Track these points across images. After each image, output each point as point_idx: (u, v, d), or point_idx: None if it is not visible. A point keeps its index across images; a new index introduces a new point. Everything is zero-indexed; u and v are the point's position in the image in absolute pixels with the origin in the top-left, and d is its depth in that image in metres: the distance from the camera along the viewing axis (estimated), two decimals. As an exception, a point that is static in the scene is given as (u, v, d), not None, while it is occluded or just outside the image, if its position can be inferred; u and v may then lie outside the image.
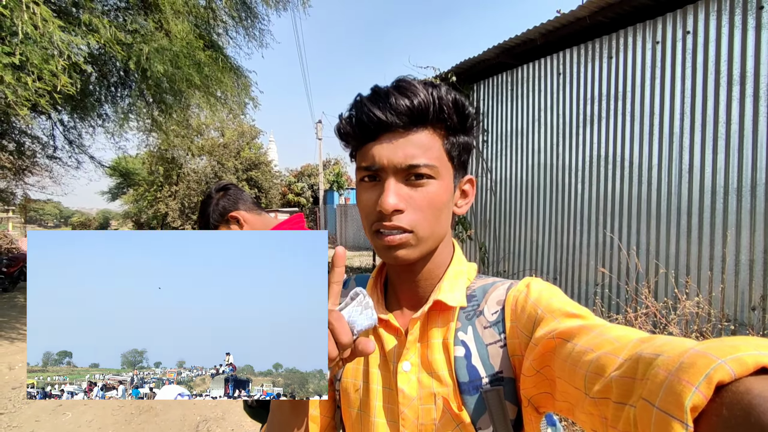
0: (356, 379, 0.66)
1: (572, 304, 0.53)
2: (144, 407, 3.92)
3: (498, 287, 0.62)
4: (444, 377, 0.58)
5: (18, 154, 9.41)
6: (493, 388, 0.56)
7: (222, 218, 1.48)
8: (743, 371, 0.27)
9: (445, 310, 0.62)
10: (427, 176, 0.56)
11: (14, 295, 9.24)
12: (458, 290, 0.62)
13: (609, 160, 4.00)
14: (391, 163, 0.55)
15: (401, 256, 0.57)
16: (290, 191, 22.47)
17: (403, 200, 0.55)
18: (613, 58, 3.95)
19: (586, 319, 0.49)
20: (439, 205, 0.57)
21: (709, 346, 0.30)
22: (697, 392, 0.27)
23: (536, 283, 0.59)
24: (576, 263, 4.27)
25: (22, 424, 3.70)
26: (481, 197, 5.45)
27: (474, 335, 0.59)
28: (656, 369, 0.32)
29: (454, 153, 0.59)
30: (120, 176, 15.27)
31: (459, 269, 0.65)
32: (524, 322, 0.55)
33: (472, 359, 0.58)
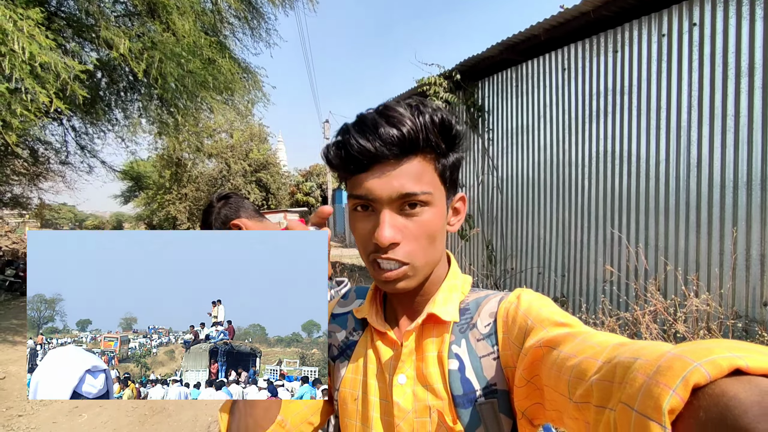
0: (354, 389, 0.66)
1: (561, 313, 0.53)
2: (157, 408, 3.99)
3: (490, 300, 0.63)
4: (439, 390, 0.58)
5: (32, 160, 9.60)
6: (487, 400, 0.56)
7: (224, 227, 1.49)
8: (718, 373, 0.28)
9: (439, 323, 0.62)
10: (421, 203, 0.56)
11: (31, 299, 9.42)
12: (452, 304, 0.63)
13: (615, 155, 3.95)
14: (386, 194, 0.55)
15: (400, 288, 0.58)
16: (299, 191, 22.58)
17: (399, 231, 0.55)
18: (618, 52, 3.91)
19: (573, 327, 0.49)
20: (434, 232, 0.58)
21: (684, 350, 0.30)
22: (675, 395, 0.28)
23: (527, 294, 0.59)
24: (584, 260, 4.24)
25: (40, 425, 3.79)
26: (487, 195, 5.42)
27: (467, 348, 0.60)
28: (634, 373, 0.32)
29: (446, 174, 0.59)
30: (131, 180, 15.49)
31: (453, 283, 0.65)
32: (515, 333, 0.55)
33: (466, 372, 0.58)
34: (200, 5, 6.97)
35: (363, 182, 0.56)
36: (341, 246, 17.22)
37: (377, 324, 0.65)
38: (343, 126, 0.59)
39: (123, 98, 8.28)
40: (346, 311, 0.76)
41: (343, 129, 0.58)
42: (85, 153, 9.75)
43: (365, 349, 0.68)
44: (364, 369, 0.66)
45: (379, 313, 0.68)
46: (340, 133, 0.58)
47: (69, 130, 9.25)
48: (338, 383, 0.69)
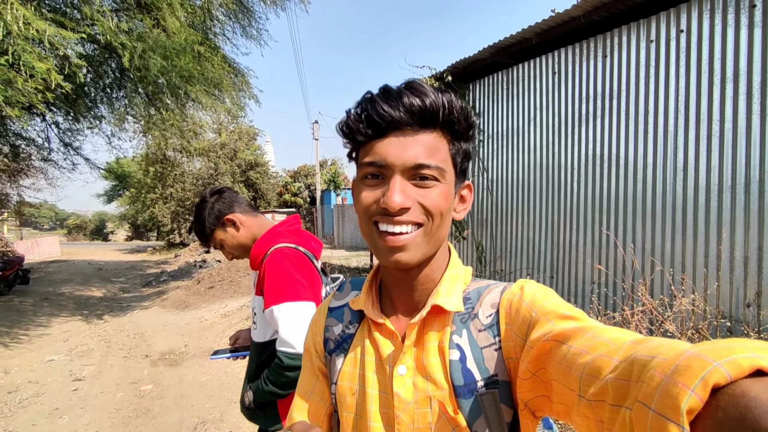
0: (352, 383, 0.66)
1: (566, 305, 0.53)
2: (141, 410, 3.91)
3: (492, 290, 0.62)
4: (439, 381, 0.58)
5: (13, 156, 9.37)
6: (488, 391, 0.56)
7: (218, 221, 1.48)
8: (739, 374, 0.27)
9: (441, 314, 0.62)
10: (433, 178, 0.56)
11: (10, 299, 9.18)
12: (455, 295, 0.62)
13: (604, 158, 4.01)
14: (400, 161, 0.55)
15: (401, 259, 0.57)
16: (287, 191, 22.44)
17: (410, 199, 0.55)
18: (608, 57, 3.97)
19: (580, 321, 0.49)
20: (443, 209, 0.57)
21: (704, 349, 0.30)
22: (693, 395, 0.28)
23: (530, 285, 0.59)
24: (572, 261, 4.29)
25: (19, 428, 3.68)
26: (477, 197, 5.46)
27: (469, 338, 0.59)
28: (652, 371, 0.32)
29: (458, 159, 0.60)
30: (115, 178, 15.22)
31: (455, 273, 0.65)
32: (519, 325, 0.55)
33: (467, 362, 0.58)
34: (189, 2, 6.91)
35: (378, 148, 0.56)
36: (330, 247, 17.14)
37: (374, 315, 0.65)
38: (366, 93, 0.58)
39: (108, 94, 8.13)
40: (342, 304, 0.75)
41: (366, 96, 0.58)
42: (68, 150, 9.56)
43: (362, 342, 0.67)
44: (362, 362, 0.66)
45: (375, 303, 0.67)
46: (363, 100, 0.58)
47: (52, 126, 9.04)
48: (336, 377, 0.68)
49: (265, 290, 1.30)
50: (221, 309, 7.76)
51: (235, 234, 1.49)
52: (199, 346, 5.71)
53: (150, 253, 21.63)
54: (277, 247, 1.36)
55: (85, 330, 7.06)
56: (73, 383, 4.66)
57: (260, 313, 1.37)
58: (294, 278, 1.29)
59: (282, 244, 1.37)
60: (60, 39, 4.58)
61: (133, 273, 14.62)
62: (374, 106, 0.55)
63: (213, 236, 1.50)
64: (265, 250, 1.38)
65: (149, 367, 5.09)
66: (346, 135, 0.60)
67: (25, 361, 5.38)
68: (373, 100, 0.56)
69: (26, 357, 5.57)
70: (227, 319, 7.06)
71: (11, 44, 4.15)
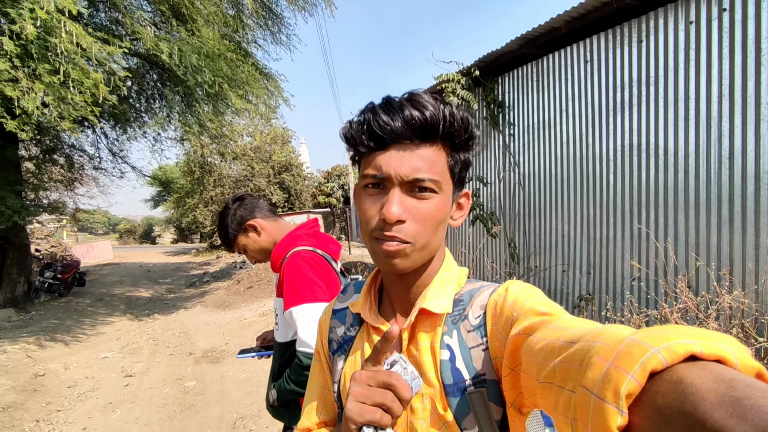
0: None
1: (546, 303, 0.54)
2: (186, 405, 4.11)
3: (483, 291, 0.64)
4: (431, 379, 0.60)
5: (68, 166, 10.04)
6: (476, 389, 0.57)
7: (240, 227, 1.54)
8: (674, 359, 0.29)
9: (432, 316, 0.64)
10: (430, 190, 0.58)
11: (69, 300, 9.85)
12: (445, 296, 0.64)
13: (642, 148, 3.83)
14: (398, 175, 0.57)
15: (397, 265, 0.59)
16: (320, 192, 22.78)
17: (406, 211, 0.57)
18: (644, 42, 3.79)
19: (552, 316, 0.50)
20: (439, 219, 0.60)
21: (643, 336, 0.31)
22: (632, 380, 0.29)
23: (515, 286, 0.60)
24: (610, 257, 4.13)
25: (77, 420, 3.96)
26: (509, 192, 5.35)
27: (458, 339, 0.61)
28: (594, 357, 0.33)
29: (456, 169, 0.61)
30: (160, 184, 15.99)
31: (447, 275, 0.67)
32: (502, 324, 0.56)
33: (456, 362, 0.59)
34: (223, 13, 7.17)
35: (379, 161, 0.58)
36: (363, 246, 17.27)
37: (370, 319, 0.67)
38: (368, 104, 0.60)
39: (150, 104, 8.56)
40: (344, 306, 0.78)
41: (368, 107, 0.60)
42: (116, 159, 10.15)
43: (362, 344, 0.70)
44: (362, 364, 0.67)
45: (373, 307, 0.70)
46: (365, 110, 0.59)
47: (101, 136, 9.62)
48: (337, 377, 0.72)
49: (285, 292, 1.34)
50: (260, 308, 8.01)
51: (257, 239, 1.55)
52: (239, 344, 5.92)
53: (194, 255, 22.58)
54: (296, 250, 1.40)
55: (135, 329, 7.48)
56: (125, 379, 4.95)
57: (281, 315, 1.41)
58: (311, 280, 1.33)
59: (300, 247, 1.41)
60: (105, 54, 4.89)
61: (179, 274, 15.32)
62: (375, 118, 0.57)
63: (236, 241, 1.56)
64: (285, 253, 1.43)
65: (193, 364, 5.33)
66: (349, 143, 0.61)
67: (83, 358, 5.77)
68: (374, 112, 0.58)
69: (83, 354, 5.97)
70: (265, 317, 7.28)
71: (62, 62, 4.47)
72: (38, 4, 4.13)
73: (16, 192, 7.09)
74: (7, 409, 4.13)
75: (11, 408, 4.15)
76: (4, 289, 8.32)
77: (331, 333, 0.77)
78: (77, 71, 4.56)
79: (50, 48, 4.44)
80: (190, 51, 6.09)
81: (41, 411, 4.18)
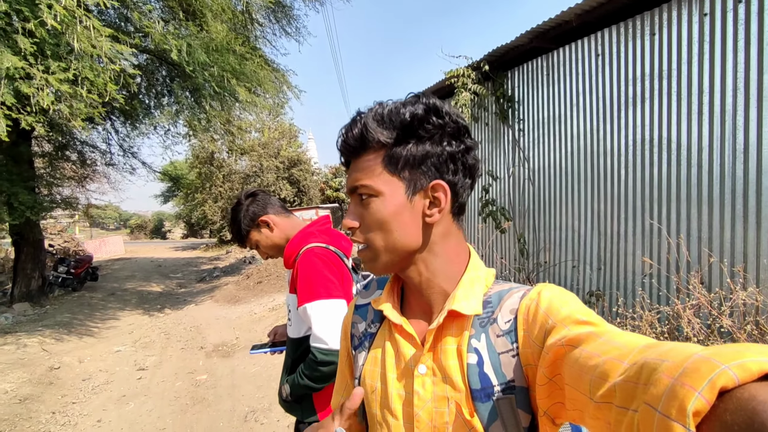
0: (373, 380, 0.69)
1: (583, 311, 0.53)
2: (198, 398, 4.17)
3: (513, 294, 0.62)
4: (457, 383, 0.59)
5: (80, 163, 10.17)
6: (505, 396, 0.56)
7: (253, 223, 1.55)
8: (747, 377, 0.27)
9: (459, 318, 0.62)
10: (368, 195, 0.62)
11: (82, 294, 10.01)
12: (474, 297, 0.62)
13: (654, 143, 3.79)
14: (348, 187, 0.65)
15: (368, 269, 0.65)
16: (328, 187, 22.83)
17: (357, 218, 0.64)
18: (656, 35, 3.73)
19: (596, 326, 0.49)
20: (385, 219, 0.61)
21: (713, 352, 0.30)
22: (700, 397, 0.28)
23: (547, 290, 0.58)
24: (620, 253, 4.09)
25: (92, 412, 4.04)
26: (519, 187, 5.32)
27: (487, 343, 0.60)
28: (660, 374, 0.32)
29: (400, 165, 0.60)
30: (170, 180, 16.14)
31: (475, 275, 0.65)
32: (536, 332, 0.55)
33: (484, 367, 0.58)
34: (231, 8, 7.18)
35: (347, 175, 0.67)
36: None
37: (393, 317, 0.67)
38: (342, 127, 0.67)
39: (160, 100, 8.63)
40: (367, 302, 0.78)
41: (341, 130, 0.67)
42: (127, 155, 10.25)
43: (383, 341, 0.70)
44: (383, 361, 0.68)
45: (395, 305, 0.70)
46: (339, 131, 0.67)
47: (112, 132, 9.72)
48: (358, 373, 0.72)
49: (299, 289, 1.35)
50: (269, 303, 8.07)
51: (270, 234, 1.55)
52: (249, 339, 5.98)
53: (203, 250, 22.79)
54: (309, 246, 1.40)
55: (147, 323, 7.59)
56: (138, 372, 5.03)
57: (294, 311, 1.42)
58: (325, 277, 1.34)
59: (313, 243, 1.42)
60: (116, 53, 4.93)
61: (189, 269, 15.48)
62: (338, 142, 0.65)
63: (248, 237, 1.57)
64: (298, 249, 1.43)
65: (204, 358, 5.40)
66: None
67: (96, 352, 5.87)
68: (341, 134, 0.65)
69: (97, 348, 6.07)
70: (275, 312, 7.33)
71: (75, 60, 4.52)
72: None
73: (29, 188, 7.19)
74: (24, 401, 4.22)
75: (28, 400, 4.24)
76: (20, 284, 8.47)
77: (353, 328, 0.78)
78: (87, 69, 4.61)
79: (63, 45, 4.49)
80: (199, 46, 6.12)
81: (57, 403, 4.26)
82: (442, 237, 0.64)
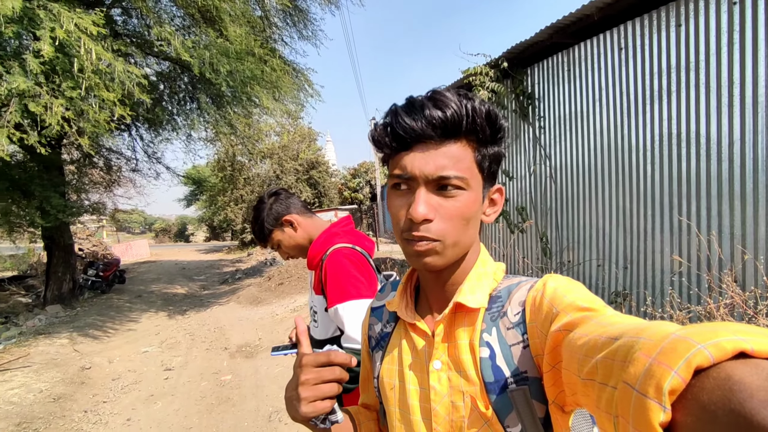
0: (391, 378, 0.71)
1: (586, 298, 0.52)
2: (222, 398, 4.24)
3: (522, 287, 0.62)
4: (471, 376, 0.60)
5: (107, 169, 10.49)
6: (518, 387, 0.57)
7: (276, 222, 1.54)
8: (722, 356, 0.28)
9: (470, 312, 0.63)
10: (457, 187, 0.58)
11: (110, 297, 10.30)
12: (480, 291, 0.63)
13: (682, 137, 3.67)
14: (423, 174, 0.57)
15: (429, 263, 0.60)
16: (347, 188, 22.93)
17: (433, 210, 0.58)
18: (682, 26, 3.62)
19: (595, 311, 0.48)
20: (467, 216, 0.60)
21: (689, 332, 0.30)
22: (676, 376, 0.28)
23: (553, 280, 0.58)
24: (648, 251, 3.98)
25: (122, 411, 4.15)
26: (540, 185, 5.24)
27: (498, 336, 0.60)
28: (637, 353, 0.32)
29: (485, 164, 0.61)
30: (193, 184, 16.47)
31: (482, 271, 0.66)
32: (541, 321, 0.55)
33: (497, 360, 0.59)
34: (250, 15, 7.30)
35: (404, 161, 0.59)
36: (391, 242, 17.29)
37: (406, 316, 0.68)
38: (391, 106, 0.61)
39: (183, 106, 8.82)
40: (382, 304, 0.81)
41: (391, 109, 0.61)
42: (151, 160, 10.51)
43: (399, 340, 0.71)
44: (399, 359, 0.70)
45: (409, 305, 0.71)
46: (388, 113, 0.61)
47: (137, 139, 9.99)
48: (377, 372, 0.74)
49: (328, 290, 1.34)
50: (291, 304, 8.15)
51: (293, 234, 1.54)
52: (272, 340, 6.05)
53: (225, 253, 23.18)
54: (336, 247, 1.40)
55: (172, 324, 7.76)
56: (164, 372, 5.15)
57: (321, 312, 1.42)
58: (355, 277, 1.33)
59: (340, 244, 1.41)
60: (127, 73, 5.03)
61: (212, 271, 15.76)
62: (397, 120, 0.58)
63: (271, 237, 1.55)
64: (323, 250, 1.43)
65: (228, 359, 5.49)
66: (376, 146, 0.63)
67: (125, 352, 6.03)
68: (396, 113, 0.58)
69: (125, 348, 6.24)
70: (296, 313, 7.40)
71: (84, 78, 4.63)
72: (59, 23, 4.28)
73: (59, 193, 7.44)
74: (58, 399, 4.37)
75: (61, 399, 4.39)
76: (52, 287, 8.77)
77: (370, 330, 0.80)
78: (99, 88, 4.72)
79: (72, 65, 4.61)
80: (219, 53, 6.23)
81: (89, 402, 4.40)
82: (476, 233, 0.66)
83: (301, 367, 0.62)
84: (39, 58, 4.34)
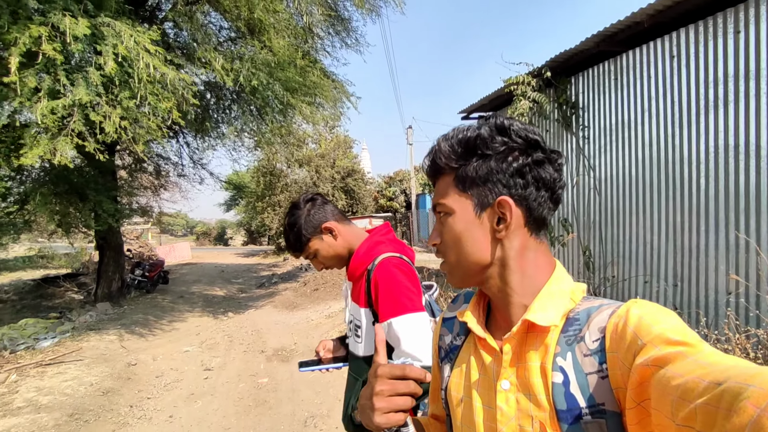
0: (458, 392, 0.69)
1: (678, 330, 0.48)
2: (259, 401, 4.32)
3: (602, 311, 0.58)
4: (542, 401, 0.57)
5: (156, 174, 11.03)
6: (594, 420, 0.53)
7: (315, 230, 1.43)
8: None
9: (541, 332, 0.61)
10: (444, 213, 0.67)
11: (154, 297, 10.76)
12: (552, 309, 0.60)
13: (739, 148, 3.48)
14: (432, 206, 0.72)
15: (449, 281, 0.70)
16: (382, 196, 23.03)
17: (438, 235, 0.69)
18: (741, 33, 3.44)
19: (689, 346, 0.45)
20: (457, 236, 0.66)
21: None
22: None
23: (637, 307, 0.54)
24: (701, 268, 3.77)
25: (164, 408, 4.31)
26: (583, 197, 5.08)
27: (573, 362, 0.57)
28: (744, 402, 0.30)
29: (467, 184, 0.65)
30: (234, 188, 17.02)
31: (555, 289, 0.63)
32: (624, 351, 0.51)
33: (571, 387, 0.56)
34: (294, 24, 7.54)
35: None
36: (426, 251, 17.20)
37: (477, 330, 0.67)
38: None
39: (228, 114, 9.18)
40: (453, 315, 0.80)
41: None
42: (197, 166, 10.97)
43: (469, 355, 0.70)
44: (467, 374, 0.69)
45: (481, 319, 0.70)
46: None
47: (184, 146, 10.47)
48: (444, 384, 0.74)
49: (381, 303, 1.25)
50: (325, 310, 8.24)
51: (332, 243, 1.42)
52: (307, 344, 6.13)
53: (262, 257, 23.76)
54: (385, 256, 1.31)
55: (212, 325, 8.01)
56: (204, 372, 5.31)
57: (368, 326, 1.33)
58: (408, 289, 1.25)
59: (388, 253, 1.33)
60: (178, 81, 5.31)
61: (249, 275, 16.18)
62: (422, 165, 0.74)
63: (308, 245, 1.43)
64: (369, 260, 1.34)
65: (265, 362, 5.60)
66: None
67: (167, 351, 6.27)
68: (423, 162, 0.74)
69: (168, 347, 6.49)
70: (331, 319, 7.47)
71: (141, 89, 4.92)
72: (120, 40, 4.59)
73: (111, 197, 7.88)
74: (107, 393, 4.59)
75: (110, 393, 4.61)
76: (102, 285, 9.27)
77: (440, 341, 0.80)
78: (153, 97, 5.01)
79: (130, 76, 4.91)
80: (261, 65, 6.45)
81: (134, 397, 4.60)
82: (519, 252, 0.63)
83: (377, 378, 0.62)
84: (100, 70, 4.64)
